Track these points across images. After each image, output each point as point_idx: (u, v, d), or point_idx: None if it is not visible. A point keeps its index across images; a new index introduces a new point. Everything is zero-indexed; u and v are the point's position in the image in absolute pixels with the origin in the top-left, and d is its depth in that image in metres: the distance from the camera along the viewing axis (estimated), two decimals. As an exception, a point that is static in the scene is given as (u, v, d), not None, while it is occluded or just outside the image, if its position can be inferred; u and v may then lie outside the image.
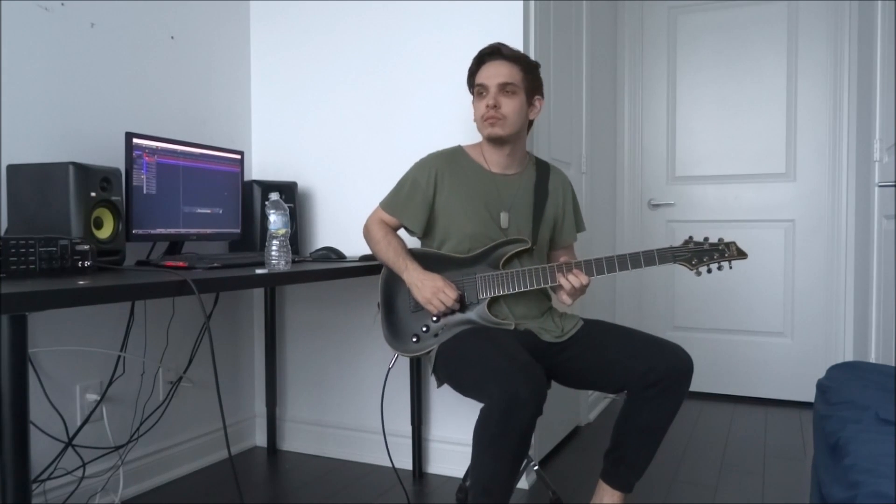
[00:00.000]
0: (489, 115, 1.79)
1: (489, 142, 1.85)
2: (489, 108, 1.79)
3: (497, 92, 1.79)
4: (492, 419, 1.46)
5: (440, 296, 1.74)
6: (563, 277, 1.71)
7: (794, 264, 3.29)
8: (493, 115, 1.79)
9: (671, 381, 1.63)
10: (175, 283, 1.39)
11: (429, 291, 1.75)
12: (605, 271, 1.70)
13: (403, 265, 1.81)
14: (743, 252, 1.67)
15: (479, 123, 1.84)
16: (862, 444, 1.05)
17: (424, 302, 1.76)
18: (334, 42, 2.54)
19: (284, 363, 2.69)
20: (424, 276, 1.78)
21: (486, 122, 1.81)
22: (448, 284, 1.76)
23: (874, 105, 2.57)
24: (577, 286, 1.71)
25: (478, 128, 1.86)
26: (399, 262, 1.83)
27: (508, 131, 1.81)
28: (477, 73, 1.85)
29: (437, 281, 1.76)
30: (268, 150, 2.69)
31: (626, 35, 3.59)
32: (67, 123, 1.99)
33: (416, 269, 1.80)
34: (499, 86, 1.79)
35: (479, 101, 1.83)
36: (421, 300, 1.77)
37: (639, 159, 3.61)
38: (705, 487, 2.26)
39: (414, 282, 1.78)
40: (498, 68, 1.81)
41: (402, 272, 1.81)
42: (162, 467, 2.31)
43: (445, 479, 2.34)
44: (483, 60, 1.84)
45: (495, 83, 1.79)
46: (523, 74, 1.82)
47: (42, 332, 1.91)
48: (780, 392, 3.32)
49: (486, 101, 1.80)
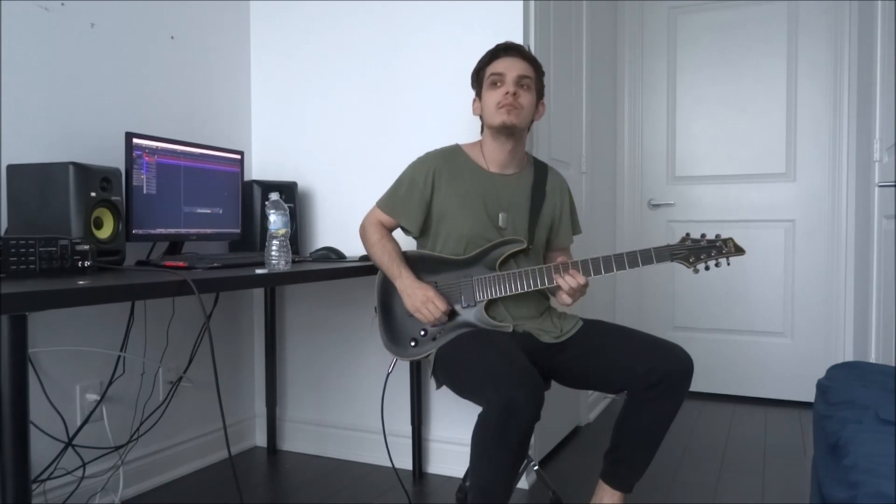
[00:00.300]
0: (507, 101, 1.76)
1: (499, 132, 1.81)
2: (508, 94, 1.77)
3: (515, 82, 1.78)
4: (489, 424, 1.46)
5: (429, 306, 1.73)
6: (560, 278, 1.71)
7: (794, 264, 3.29)
8: (510, 103, 1.77)
9: (671, 382, 1.63)
10: (175, 283, 1.39)
11: (418, 301, 1.75)
12: (603, 271, 1.70)
13: (397, 272, 1.80)
14: (741, 248, 1.66)
15: (492, 112, 1.80)
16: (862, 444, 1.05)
17: (413, 311, 1.76)
18: (334, 42, 2.54)
19: (284, 363, 2.69)
20: (416, 286, 1.77)
21: (501, 110, 1.77)
22: (438, 296, 1.75)
23: (874, 105, 2.57)
24: (574, 286, 1.70)
25: (487, 118, 1.83)
26: (393, 267, 1.82)
27: (522, 122, 1.80)
28: (491, 65, 1.83)
29: (428, 291, 1.75)
30: (268, 150, 2.69)
31: (626, 35, 3.59)
32: (67, 123, 1.99)
33: (408, 277, 1.79)
34: (517, 77, 1.78)
35: (493, 91, 1.80)
36: (410, 308, 1.77)
37: (639, 159, 3.61)
38: (705, 487, 2.26)
39: (405, 290, 1.78)
40: (515, 62, 1.80)
41: (395, 279, 1.81)
42: (162, 467, 2.31)
43: (445, 479, 2.34)
44: (498, 55, 1.83)
45: (514, 74, 1.78)
46: (536, 75, 1.83)
47: (42, 332, 1.91)
48: (780, 392, 3.32)
49: (503, 89, 1.78)
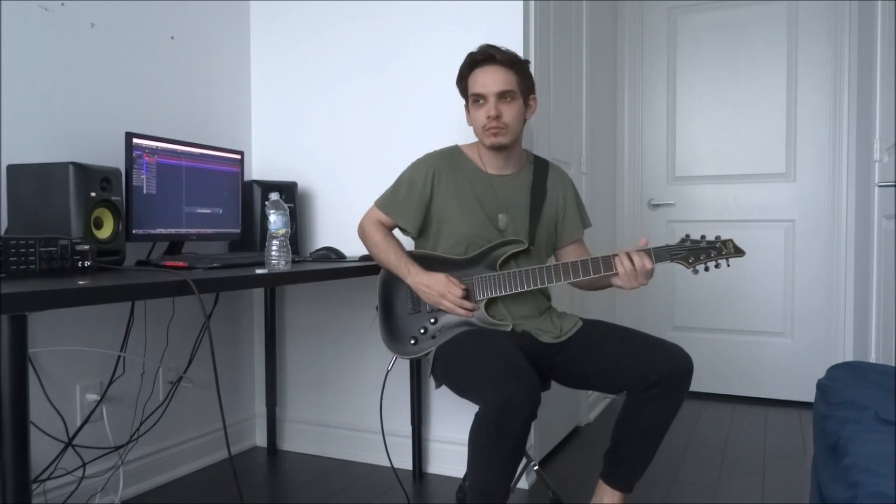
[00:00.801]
0: (491, 125, 1.76)
1: (491, 150, 1.83)
2: (490, 118, 1.75)
3: (496, 101, 1.75)
4: (486, 422, 1.46)
5: (448, 296, 1.74)
6: (619, 262, 1.64)
7: (794, 264, 3.29)
8: (495, 126, 1.76)
9: (671, 382, 1.63)
10: (175, 283, 1.39)
11: (436, 294, 1.75)
12: (603, 271, 1.70)
13: (406, 269, 1.80)
14: (740, 249, 1.66)
15: (480, 133, 1.81)
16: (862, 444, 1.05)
17: (435, 303, 1.76)
18: (334, 42, 2.54)
19: (284, 363, 2.69)
20: (430, 280, 1.77)
21: (488, 132, 1.78)
22: (452, 281, 1.76)
23: (874, 105, 2.57)
24: (628, 269, 1.63)
25: (477, 136, 1.85)
26: (402, 265, 1.82)
27: (511, 138, 1.80)
28: (470, 80, 1.80)
29: (441, 280, 1.76)
30: (268, 150, 2.69)
31: (626, 35, 3.59)
32: (67, 123, 1.99)
33: (419, 273, 1.79)
34: (497, 94, 1.75)
35: (478, 110, 1.79)
36: (432, 302, 1.77)
37: (639, 159, 3.61)
38: (705, 487, 2.26)
39: (419, 285, 1.78)
40: (493, 75, 1.76)
41: (406, 276, 1.80)
42: (162, 467, 2.31)
43: (445, 479, 2.34)
44: (475, 65, 1.79)
45: (493, 91, 1.75)
46: (518, 78, 1.78)
47: (42, 332, 1.91)
48: (780, 392, 3.32)
49: (485, 111, 1.76)
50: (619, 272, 1.65)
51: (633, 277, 1.64)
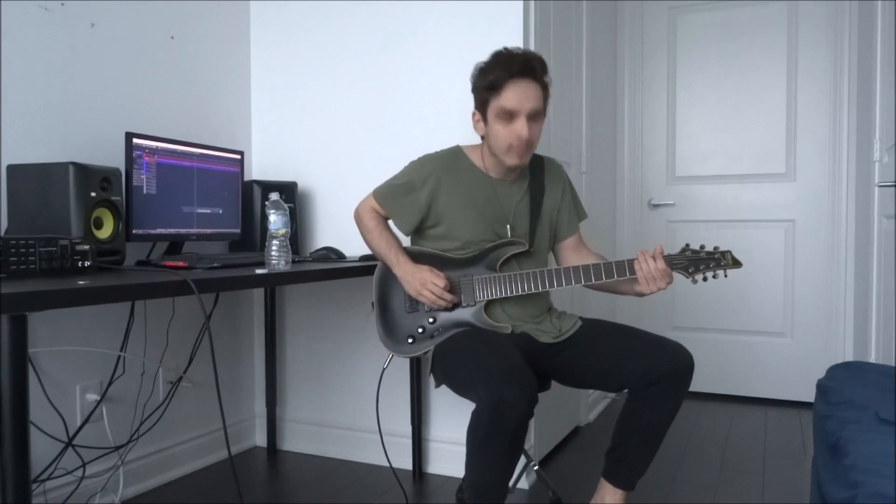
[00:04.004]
0: (520, 147, 1.68)
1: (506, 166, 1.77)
2: (521, 139, 1.66)
3: (528, 120, 1.66)
4: (482, 421, 1.46)
5: (429, 286, 1.73)
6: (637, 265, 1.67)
7: (794, 264, 3.29)
8: (523, 148, 1.69)
9: (672, 380, 1.63)
10: (175, 283, 1.39)
11: (418, 283, 1.74)
12: (604, 277, 1.70)
13: (395, 258, 1.80)
14: (738, 261, 1.68)
15: (502, 149, 1.71)
16: (862, 444, 1.05)
17: (416, 295, 1.76)
18: (334, 42, 2.54)
19: (284, 363, 2.69)
20: (413, 269, 1.77)
21: (513, 153, 1.69)
22: (436, 274, 1.74)
23: (874, 105, 2.57)
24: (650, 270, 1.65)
25: (495, 150, 1.74)
26: (391, 254, 1.81)
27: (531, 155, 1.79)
28: (503, 92, 1.65)
29: (425, 272, 1.75)
30: (268, 150, 2.69)
31: (626, 35, 3.59)
32: (67, 123, 1.99)
33: (406, 263, 1.79)
34: (531, 112, 1.66)
35: (505, 126, 1.67)
36: (412, 293, 1.77)
37: (639, 159, 3.61)
38: (705, 487, 2.26)
39: (404, 276, 1.78)
40: (528, 91, 1.65)
41: (394, 266, 1.80)
42: (162, 467, 2.31)
43: (445, 479, 2.34)
44: (512, 77, 1.64)
45: (528, 110, 1.65)
46: (546, 93, 1.71)
47: (42, 332, 1.91)
48: (780, 392, 3.32)
49: (516, 131, 1.66)
50: (639, 275, 1.67)
51: (652, 280, 1.66)
